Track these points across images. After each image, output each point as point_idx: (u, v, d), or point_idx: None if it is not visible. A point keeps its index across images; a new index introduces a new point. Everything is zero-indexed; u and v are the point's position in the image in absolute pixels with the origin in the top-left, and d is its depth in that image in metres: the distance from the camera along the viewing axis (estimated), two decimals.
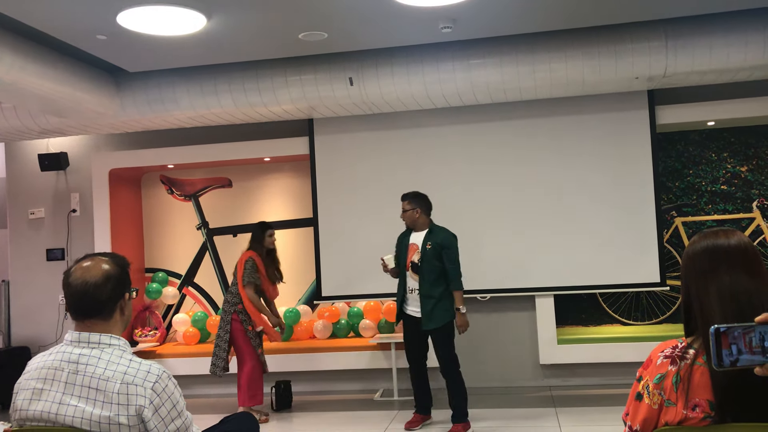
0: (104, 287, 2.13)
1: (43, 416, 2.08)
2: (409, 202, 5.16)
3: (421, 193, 5.21)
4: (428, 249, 5.01)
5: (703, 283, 1.74)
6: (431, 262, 4.99)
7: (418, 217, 5.12)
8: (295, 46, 5.19)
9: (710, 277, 1.73)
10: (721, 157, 6.35)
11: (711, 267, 1.74)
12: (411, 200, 5.16)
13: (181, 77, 5.61)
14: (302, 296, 7.01)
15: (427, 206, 5.18)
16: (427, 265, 4.99)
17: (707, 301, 1.72)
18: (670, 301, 6.40)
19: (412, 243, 5.13)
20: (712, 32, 5.03)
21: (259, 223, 5.82)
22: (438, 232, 5.08)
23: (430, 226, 5.14)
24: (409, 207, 5.15)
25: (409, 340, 5.18)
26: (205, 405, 6.27)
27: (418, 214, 5.12)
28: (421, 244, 5.06)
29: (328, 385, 6.65)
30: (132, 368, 2.07)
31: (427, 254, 5.00)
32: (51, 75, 4.89)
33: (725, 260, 1.74)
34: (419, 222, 5.13)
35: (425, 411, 5.26)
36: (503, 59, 5.27)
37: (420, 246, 5.07)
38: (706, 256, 1.77)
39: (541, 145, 6.20)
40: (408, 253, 5.12)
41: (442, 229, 5.12)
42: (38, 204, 7.27)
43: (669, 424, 1.71)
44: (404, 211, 5.17)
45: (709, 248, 1.77)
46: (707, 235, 1.81)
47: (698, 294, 1.75)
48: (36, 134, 6.18)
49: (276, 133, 6.71)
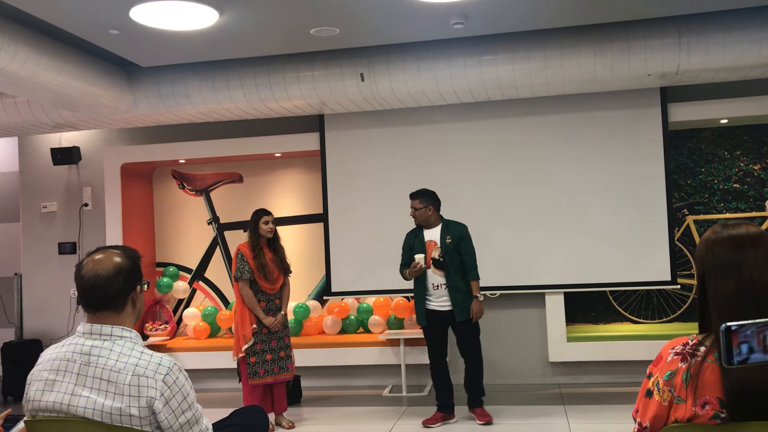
0: (115, 280, 2.15)
1: (56, 407, 2.10)
2: (420, 200, 5.18)
3: (430, 190, 5.24)
4: (448, 243, 5.08)
5: (723, 273, 1.68)
6: (453, 255, 5.08)
7: (431, 214, 5.17)
8: (306, 42, 5.20)
9: (732, 267, 1.67)
10: (734, 155, 6.31)
11: (733, 257, 1.68)
12: (422, 198, 5.18)
13: (193, 72, 5.63)
14: (312, 291, 7.03)
15: (437, 203, 5.23)
16: (450, 258, 5.07)
17: (725, 293, 1.66)
18: (681, 300, 6.37)
19: (429, 240, 5.16)
20: (726, 29, 4.99)
21: (254, 212, 5.32)
22: (454, 225, 5.18)
23: (442, 221, 5.21)
24: (421, 205, 5.17)
25: (434, 338, 5.21)
26: (215, 399, 6.29)
27: (431, 211, 5.16)
28: (440, 239, 5.12)
29: (337, 380, 6.66)
30: (143, 360, 2.09)
31: (448, 248, 5.08)
32: (64, 69, 4.92)
33: (751, 250, 1.67)
34: (432, 219, 5.18)
35: (449, 410, 5.24)
36: (515, 56, 5.25)
37: (439, 241, 5.12)
38: (730, 245, 1.69)
39: (552, 142, 6.18)
40: (426, 250, 5.14)
41: (455, 222, 5.22)
42: (50, 198, 7.32)
43: (679, 421, 1.70)
44: (416, 209, 5.18)
45: (733, 238, 1.70)
46: (730, 225, 1.74)
47: (716, 285, 1.69)
48: (49, 128, 6.22)
49: (287, 128, 6.72)
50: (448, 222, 5.21)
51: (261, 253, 5.21)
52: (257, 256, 5.18)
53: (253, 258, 5.17)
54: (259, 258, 5.18)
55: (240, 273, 5.17)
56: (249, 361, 5.14)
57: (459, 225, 5.21)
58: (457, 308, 5.06)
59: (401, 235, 5.36)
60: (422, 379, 6.48)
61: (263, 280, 5.19)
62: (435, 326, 5.18)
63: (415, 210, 5.19)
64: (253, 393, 5.18)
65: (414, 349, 6.32)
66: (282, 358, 5.24)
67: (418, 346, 6.32)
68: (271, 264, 5.24)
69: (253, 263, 5.16)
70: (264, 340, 5.19)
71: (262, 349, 5.19)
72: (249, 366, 5.14)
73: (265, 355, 5.18)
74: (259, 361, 5.16)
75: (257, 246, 5.21)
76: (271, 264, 5.24)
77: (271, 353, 5.20)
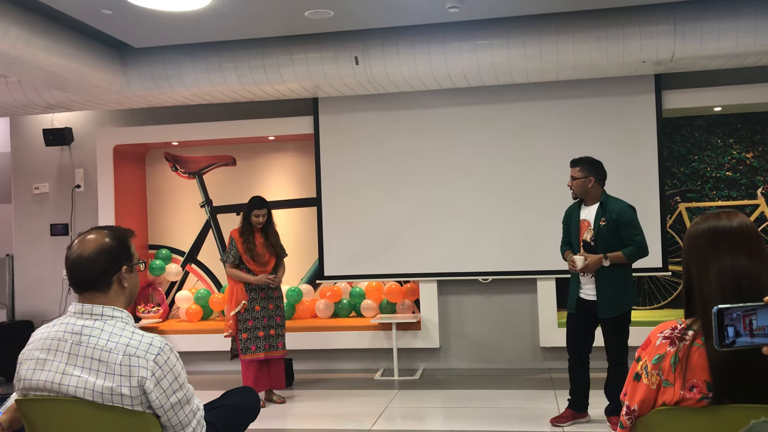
0: (96, 260, 2.15)
1: (47, 386, 2.11)
2: (580, 168, 4.43)
3: (594, 159, 4.49)
4: (602, 226, 4.36)
5: (704, 264, 1.73)
6: (607, 239, 4.33)
7: (591, 186, 4.42)
8: (300, 24, 5.17)
9: (711, 258, 1.72)
10: (727, 143, 6.32)
11: (712, 248, 1.73)
12: (582, 167, 4.43)
13: (187, 54, 5.59)
14: (305, 275, 7.04)
15: (601, 174, 4.46)
16: (603, 243, 4.35)
17: (707, 282, 1.71)
18: (672, 287, 6.41)
19: (584, 219, 4.49)
20: (721, 16, 4.98)
21: (250, 201, 5.40)
22: (613, 204, 4.39)
23: (602, 198, 4.45)
24: (581, 175, 4.42)
25: (573, 328, 4.52)
26: (207, 381, 6.31)
27: (591, 183, 4.42)
28: (594, 219, 4.42)
29: (329, 363, 6.69)
30: (134, 340, 2.09)
31: (601, 231, 4.36)
32: (56, 49, 4.88)
33: (726, 242, 1.73)
34: (592, 193, 4.44)
35: (581, 408, 4.59)
36: (510, 41, 5.24)
37: (593, 222, 4.42)
38: (708, 237, 1.75)
39: (545, 127, 6.18)
40: (580, 230, 4.50)
41: (616, 200, 4.43)
42: (42, 179, 7.28)
43: (666, 404, 1.72)
44: (573, 179, 4.45)
45: (710, 230, 1.76)
46: (709, 217, 1.79)
47: (699, 276, 1.74)
48: (41, 109, 6.18)
49: (281, 112, 6.69)
50: (608, 199, 4.42)
51: (251, 237, 5.35)
52: (246, 240, 5.33)
53: (242, 243, 5.33)
54: (248, 242, 5.33)
55: (226, 257, 5.38)
56: (241, 338, 5.30)
57: (618, 203, 4.38)
58: (601, 302, 4.35)
59: (395, 219, 5.36)
60: (414, 363, 6.52)
61: (252, 263, 5.32)
62: (580, 316, 4.47)
63: (572, 179, 4.46)
64: (249, 369, 5.32)
65: (406, 333, 6.35)
66: (273, 336, 5.38)
67: (410, 330, 6.36)
68: (261, 248, 5.38)
69: (242, 247, 5.32)
70: (256, 317, 5.34)
71: (254, 326, 5.33)
72: (241, 342, 5.30)
73: (257, 332, 5.33)
74: (251, 338, 5.31)
75: (247, 231, 5.36)
76: (261, 248, 5.38)
77: (263, 330, 5.34)
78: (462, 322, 6.51)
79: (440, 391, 5.73)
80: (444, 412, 5.25)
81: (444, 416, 5.15)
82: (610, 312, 4.34)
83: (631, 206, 4.43)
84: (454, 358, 6.53)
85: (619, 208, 4.35)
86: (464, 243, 6.27)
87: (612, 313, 4.33)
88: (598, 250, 4.35)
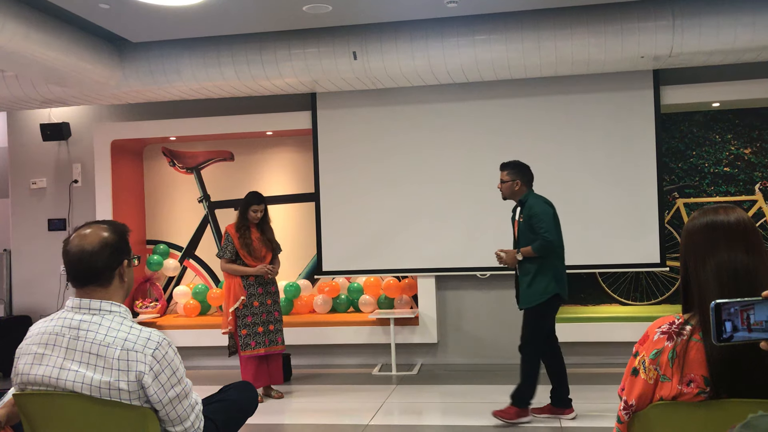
0: (101, 254, 2.14)
1: (44, 380, 2.10)
2: (507, 172, 4.67)
3: (521, 162, 4.73)
4: (521, 222, 4.62)
5: (702, 259, 1.73)
6: (526, 236, 4.56)
7: (518, 189, 4.65)
8: (299, 19, 5.15)
9: (709, 253, 1.72)
10: (725, 138, 6.32)
11: (710, 244, 1.73)
12: (510, 170, 4.67)
13: (184, 48, 5.58)
14: (303, 271, 7.03)
15: (526, 177, 4.68)
16: (523, 240, 4.59)
17: (705, 278, 1.71)
18: (670, 282, 6.41)
19: (516, 218, 4.74)
20: (720, 12, 4.98)
21: (247, 196, 5.42)
22: (530, 202, 4.60)
23: (522, 197, 4.66)
24: (508, 178, 4.65)
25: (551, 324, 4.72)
26: (205, 377, 6.31)
27: (518, 186, 4.65)
28: (518, 218, 4.70)
29: (327, 359, 6.69)
30: (132, 335, 2.09)
31: (521, 228, 4.62)
32: (54, 44, 4.86)
33: (724, 237, 1.72)
34: (518, 194, 4.66)
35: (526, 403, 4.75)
36: (508, 36, 5.23)
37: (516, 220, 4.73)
38: (706, 232, 1.75)
39: (544, 123, 6.17)
40: (513, 228, 4.78)
41: (534, 196, 4.65)
42: (40, 174, 7.27)
43: (664, 399, 1.72)
44: (501, 182, 4.69)
45: (708, 224, 1.76)
46: (707, 212, 1.79)
47: (696, 271, 1.74)
48: (38, 104, 6.16)
49: (279, 107, 6.68)
50: (528, 197, 4.62)
51: (247, 232, 5.35)
52: (243, 235, 5.33)
53: (238, 238, 5.32)
54: (245, 237, 5.33)
55: (222, 252, 5.38)
56: (240, 334, 5.29)
57: (535, 200, 4.58)
58: (517, 294, 4.68)
59: (393, 214, 5.37)
60: (412, 358, 6.53)
61: (249, 258, 5.32)
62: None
63: (501, 182, 4.70)
64: (248, 365, 5.32)
65: (404, 328, 6.35)
66: (272, 331, 5.38)
67: (408, 326, 6.36)
68: (258, 243, 5.39)
69: (239, 243, 5.32)
70: (255, 313, 5.34)
71: (253, 322, 5.32)
72: (240, 338, 5.30)
73: (256, 327, 5.32)
74: (250, 333, 5.30)
75: (243, 226, 5.36)
76: (258, 243, 5.39)
77: (263, 326, 5.34)
78: (460, 318, 6.52)
79: (438, 387, 5.74)
80: (442, 407, 5.26)
81: (442, 411, 5.16)
82: (523, 303, 4.62)
83: (546, 202, 4.62)
84: (452, 353, 6.54)
85: (530, 204, 4.58)
86: (462, 238, 6.27)
87: (525, 304, 4.60)
88: (521, 245, 4.61)
